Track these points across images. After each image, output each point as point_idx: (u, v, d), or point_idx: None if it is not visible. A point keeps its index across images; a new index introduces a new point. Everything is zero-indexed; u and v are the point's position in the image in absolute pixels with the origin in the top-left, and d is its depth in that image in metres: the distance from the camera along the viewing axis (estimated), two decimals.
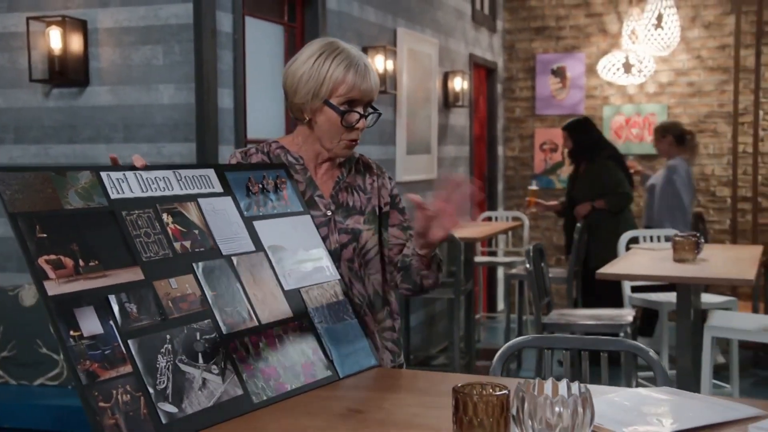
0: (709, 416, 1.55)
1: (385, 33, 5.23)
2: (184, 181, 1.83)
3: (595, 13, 7.62)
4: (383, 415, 1.62)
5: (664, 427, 1.49)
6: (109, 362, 1.45)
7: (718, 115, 7.33)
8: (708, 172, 7.37)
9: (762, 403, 1.67)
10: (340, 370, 1.83)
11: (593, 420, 1.38)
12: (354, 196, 2.15)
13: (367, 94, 2.04)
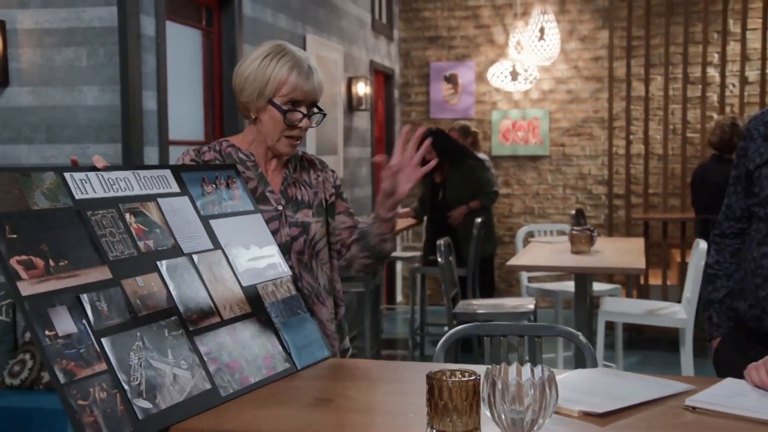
0: (649, 392, 1.61)
1: (295, 39, 5.18)
2: (143, 181, 1.77)
3: (484, 25, 7.77)
4: (350, 402, 1.61)
5: (613, 403, 1.52)
6: (85, 361, 1.40)
7: (593, 120, 7.60)
8: (585, 172, 7.64)
9: (688, 378, 1.74)
10: (298, 362, 1.80)
11: (558, 399, 1.40)
12: (302, 190, 2.13)
13: (309, 95, 2.02)
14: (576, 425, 1.45)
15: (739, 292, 2.12)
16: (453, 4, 7.83)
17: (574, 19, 7.57)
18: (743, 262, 2.10)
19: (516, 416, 1.38)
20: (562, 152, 7.67)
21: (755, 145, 2.09)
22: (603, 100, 7.46)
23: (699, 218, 5.65)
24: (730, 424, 1.45)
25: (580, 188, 7.64)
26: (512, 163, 7.78)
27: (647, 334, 5.98)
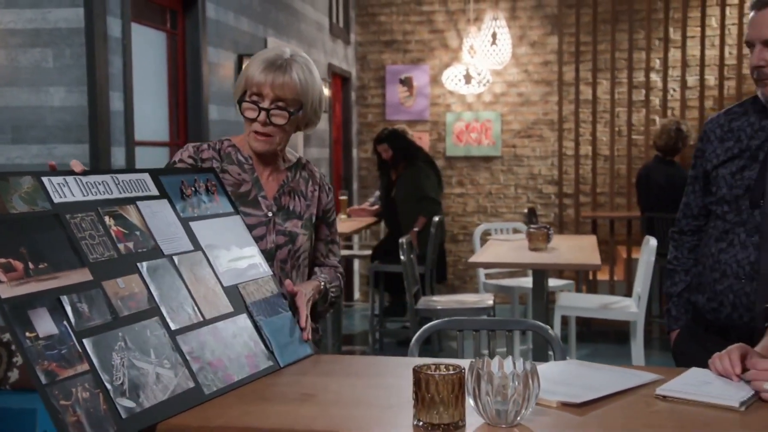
0: (622, 382, 1.64)
1: (257, 42, 5.14)
2: (122, 185, 1.75)
3: (438, 30, 7.81)
4: (335, 396, 1.61)
5: (589, 393, 1.55)
6: (67, 361, 1.38)
7: (543, 122, 7.69)
8: (536, 172, 7.73)
9: (656, 369, 1.78)
10: (280, 360, 1.80)
11: (539, 391, 1.42)
12: (295, 200, 2.11)
13: (272, 89, 1.95)
14: (556, 415, 1.47)
15: (697, 287, 2.17)
16: (408, 9, 7.85)
17: (524, 25, 7.65)
18: (701, 258, 2.15)
19: (500, 407, 1.40)
20: (514, 153, 7.75)
21: (712, 147, 2.14)
22: (552, 103, 7.55)
23: (644, 216, 5.76)
24: (699, 411, 1.49)
25: (531, 188, 7.73)
26: (466, 163, 7.83)
27: (596, 328, 6.08)
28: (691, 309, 2.22)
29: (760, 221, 1.99)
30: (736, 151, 2.07)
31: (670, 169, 5.53)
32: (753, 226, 2.00)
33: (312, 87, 2.03)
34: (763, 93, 1.99)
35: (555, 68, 7.47)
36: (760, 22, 1.95)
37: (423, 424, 1.40)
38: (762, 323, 1.90)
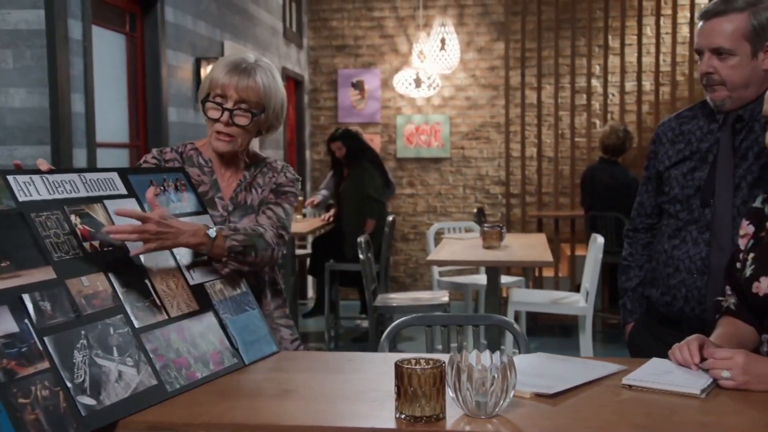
0: (589, 373, 1.67)
1: (214, 45, 5.09)
2: (89, 183, 1.72)
3: (388, 35, 7.83)
4: (314, 391, 1.60)
5: (561, 384, 1.58)
6: (27, 359, 1.35)
7: (490, 125, 7.78)
8: (483, 173, 7.81)
9: (620, 359, 1.82)
10: (246, 358, 1.79)
11: (516, 382, 1.44)
12: (252, 194, 2.09)
13: (236, 90, 1.94)
14: (531, 406, 1.49)
15: (651, 281, 2.22)
16: (359, 15, 7.86)
17: (471, 32, 7.73)
18: (655, 254, 2.21)
19: (480, 399, 1.41)
20: (462, 155, 7.82)
21: (664, 149, 2.20)
22: (499, 107, 7.65)
23: (588, 215, 5.87)
24: (663, 399, 1.53)
25: (479, 188, 7.81)
26: (416, 164, 7.87)
27: (542, 323, 6.18)
28: (645, 303, 2.28)
29: (710, 219, 2.05)
30: (687, 153, 2.13)
31: (615, 169, 5.66)
32: (704, 224, 2.06)
33: (275, 92, 2.04)
34: (712, 98, 2.05)
35: (501, 73, 7.57)
36: (708, 32, 2.01)
37: (405, 417, 1.41)
38: (712, 315, 1.95)
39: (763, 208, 1.83)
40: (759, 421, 1.42)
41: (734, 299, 1.85)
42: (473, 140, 7.81)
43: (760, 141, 2.01)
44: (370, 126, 7.84)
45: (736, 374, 1.57)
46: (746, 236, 1.84)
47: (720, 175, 2.04)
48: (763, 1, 1.98)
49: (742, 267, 1.82)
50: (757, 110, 2.02)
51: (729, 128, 2.05)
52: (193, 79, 4.73)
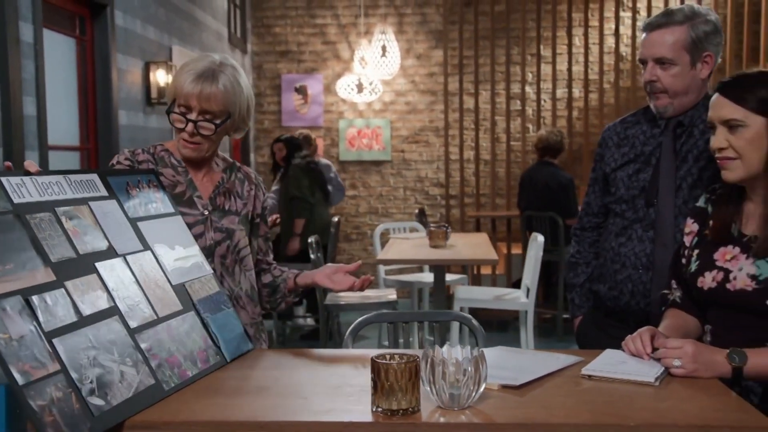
0: (550, 365, 1.71)
1: (162, 50, 5.00)
2: (75, 185, 1.68)
3: (330, 42, 7.82)
4: (289, 388, 1.59)
5: (525, 376, 1.61)
6: (39, 362, 1.32)
7: (429, 129, 7.84)
8: (423, 175, 7.87)
9: (576, 351, 1.86)
10: (227, 355, 1.78)
11: (487, 375, 1.47)
12: (231, 200, 2.08)
13: (198, 101, 1.92)
14: (499, 397, 1.51)
15: (598, 277, 2.28)
16: (302, 22, 7.82)
17: (410, 39, 7.78)
18: (602, 251, 2.27)
19: (454, 392, 1.43)
20: (402, 158, 7.86)
21: (610, 152, 2.26)
22: (437, 112, 7.72)
23: (524, 215, 5.97)
24: (621, 387, 1.57)
25: (419, 190, 7.87)
26: (358, 167, 7.88)
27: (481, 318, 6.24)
28: (593, 297, 2.34)
29: (654, 218, 2.12)
30: (631, 156, 2.19)
31: (552, 170, 5.77)
32: (648, 223, 2.13)
33: (239, 96, 2.00)
34: (655, 105, 2.12)
35: (439, 79, 7.64)
36: (651, 43, 2.08)
37: (382, 410, 1.42)
38: (658, 308, 2.02)
39: (706, 207, 1.90)
40: (709, 405, 1.48)
41: (679, 293, 1.92)
42: (413, 143, 7.86)
43: (699, 145, 2.09)
44: (314, 130, 7.79)
45: (686, 362, 1.63)
46: (691, 234, 1.90)
47: (663, 176, 2.11)
48: (699, 16, 2.06)
49: (687, 263, 1.88)
50: (696, 116, 2.10)
51: (670, 133, 2.12)
52: (142, 83, 4.63)
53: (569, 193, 5.64)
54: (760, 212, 1.76)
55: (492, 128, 7.14)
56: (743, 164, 1.72)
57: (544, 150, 5.74)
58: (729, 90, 1.73)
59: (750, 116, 1.70)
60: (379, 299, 4.27)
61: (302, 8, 7.83)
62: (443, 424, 1.39)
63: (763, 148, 1.70)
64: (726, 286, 1.74)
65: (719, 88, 1.76)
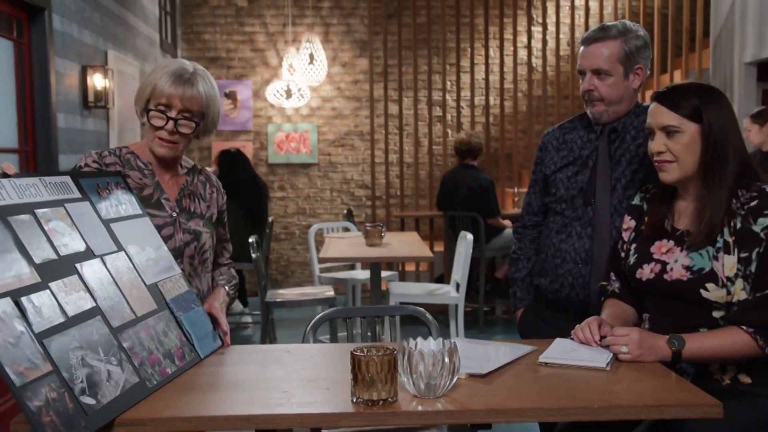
0: (510, 354, 1.74)
1: (99, 54, 4.81)
2: (50, 187, 1.61)
3: (259, 49, 7.71)
4: (266, 382, 1.57)
5: (489, 365, 1.64)
6: (33, 363, 1.27)
7: (354, 133, 7.84)
8: (348, 178, 7.86)
9: (526, 341, 1.91)
10: (201, 352, 1.74)
11: (460, 365, 1.48)
12: (195, 202, 2.04)
13: (181, 101, 1.89)
14: (468, 385, 1.53)
15: (540, 272, 2.34)
16: (231, 30, 7.69)
17: (336, 48, 7.76)
18: (543, 247, 2.33)
19: (431, 382, 1.44)
20: (329, 161, 7.84)
21: (550, 156, 2.32)
22: (362, 117, 7.73)
23: (447, 215, 6.04)
24: (577, 373, 1.62)
25: (345, 191, 7.86)
26: (286, 170, 7.81)
27: None
28: (533, 290, 2.40)
29: (592, 216, 2.19)
30: (570, 159, 2.26)
31: (472, 172, 5.87)
32: (587, 221, 2.20)
33: (215, 99, 1.99)
34: (592, 112, 2.19)
35: (363, 86, 7.66)
36: (589, 55, 2.15)
37: (363, 401, 1.41)
38: (598, 299, 2.09)
39: (641, 205, 1.98)
40: (658, 386, 1.54)
41: (618, 284, 1.99)
42: (339, 147, 7.84)
43: (631, 149, 2.17)
44: (243, 134, 7.69)
45: (632, 348, 1.69)
46: (629, 230, 1.98)
47: (599, 178, 2.18)
48: (632, 32, 2.14)
49: (626, 256, 1.95)
50: (628, 123, 2.19)
51: (605, 138, 2.20)
52: (79, 87, 4.45)
53: (490, 194, 5.75)
54: (692, 209, 1.84)
55: (415, 133, 7.21)
56: (679, 167, 1.80)
57: (466, 153, 5.82)
58: (665, 98, 1.81)
59: (685, 123, 1.78)
60: (318, 296, 4.24)
61: (231, 16, 7.69)
62: (422, 412, 1.41)
63: (697, 152, 1.78)
64: (663, 277, 1.82)
65: (656, 98, 1.83)
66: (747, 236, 1.72)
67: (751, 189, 1.76)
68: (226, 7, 7.69)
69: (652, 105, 1.84)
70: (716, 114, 1.76)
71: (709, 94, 1.79)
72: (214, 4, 7.67)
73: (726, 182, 1.76)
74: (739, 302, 1.72)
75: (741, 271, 1.72)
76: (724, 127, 1.77)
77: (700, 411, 1.42)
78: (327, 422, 1.37)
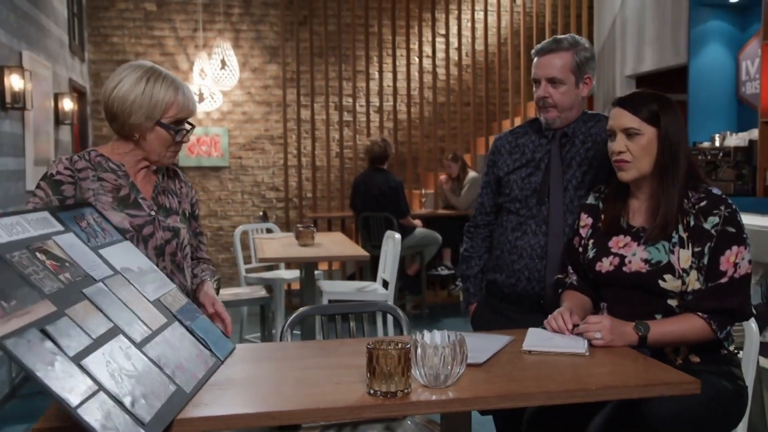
0: (495, 344, 1.77)
1: (13, 54, 4.49)
2: (33, 223, 1.53)
3: (169, 53, 7.45)
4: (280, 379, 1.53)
5: (483, 355, 1.66)
6: (78, 383, 1.19)
7: (265, 137, 7.72)
8: (259, 180, 7.73)
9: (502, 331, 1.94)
10: (220, 356, 1.68)
11: (467, 356, 1.50)
12: (169, 198, 1.96)
13: (192, 113, 1.90)
14: (470, 374, 1.55)
15: (494, 268, 2.39)
16: (139, 33, 7.37)
17: (246, 53, 7.61)
18: (498, 245, 2.38)
19: (441, 373, 1.45)
20: (240, 164, 7.68)
21: (503, 158, 2.38)
22: (272, 121, 7.62)
23: (360, 216, 6.05)
24: (560, 359, 1.68)
25: (256, 194, 7.72)
26: (198, 173, 7.58)
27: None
28: (486, 286, 2.45)
29: (546, 215, 2.27)
30: (523, 161, 2.33)
31: (384, 175, 5.92)
32: (541, 219, 2.27)
33: None
34: (545, 117, 2.27)
35: (274, 91, 7.56)
36: (543, 65, 2.23)
37: (380, 393, 1.41)
38: (551, 291, 2.17)
39: (597, 204, 2.07)
40: (636, 368, 1.62)
41: (575, 277, 2.07)
42: (249, 151, 7.70)
43: (581, 152, 2.27)
44: None
45: (605, 334, 1.77)
46: (586, 226, 2.07)
47: (553, 179, 2.26)
48: (580, 44, 2.24)
49: (584, 251, 2.04)
50: (577, 128, 2.28)
51: (557, 142, 2.28)
52: None
53: (400, 195, 5.82)
54: (645, 207, 1.95)
55: (327, 137, 7.19)
56: (636, 166, 1.90)
57: (373, 159, 5.88)
58: (627, 103, 1.91)
59: (644, 126, 1.88)
60: (251, 295, 4.15)
61: (140, 20, 7.38)
62: (437, 401, 1.41)
63: (653, 153, 1.89)
64: (623, 269, 1.91)
65: (618, 102, 1.93)
66: (699, 233, 1.84)
67: (698, 191, 1.89)
68: (135, 11, 7.37)
69: (614, 109, 1.94)
70: (672, 120, 1.88)
71: (666, 102, 1.90)
72: (122, 7, 7.33)
73: (678, 182, 1.88)
74: (694, 291, 1.83)
75: (695, 263, 1.83)
76: (677, 132, 1.88)
77: (681, 388, 1.51)
78: (351, 414, 1.36)
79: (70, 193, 1.82)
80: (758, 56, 5.26)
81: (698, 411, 1.79)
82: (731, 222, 1.83)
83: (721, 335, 1.83)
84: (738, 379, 1.89)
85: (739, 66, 5.74)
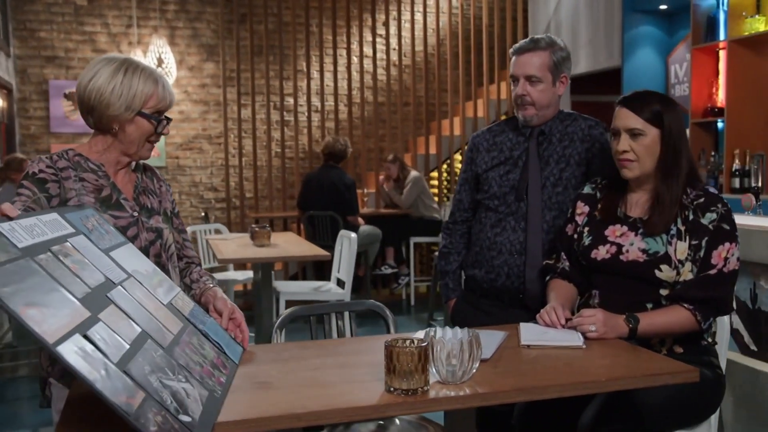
0: (496, 340, 1.77)
1: None
2: (48, 225, 1.44)
3: (101, 50, 7.15)
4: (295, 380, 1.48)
5: (487, 351, 1.66)
6: (129, 391, 1.14)
7: (202, 137, 7.53)
8: (197, 180, 7.54)
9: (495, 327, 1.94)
10: (234, 359, 1.62)
11: (481, 352, 1.50)
12: (150, 198, 1.88)
13: (171, 105, 1.84)
14: (480, 370, 1.54)
15: (474, 264, 2.40)
16: (69, 28, 7.05)
17: (183, 51, 7.41)
18: (478, 241, 2.39)
19: (457, 369, 1.44)
20: (177, 164, 7.46)
21: (481, 156, 2.39)
22: (210, 120, 7.45)
23: (306, 214, 5.99)
24: (560, 352, 1.71)
25: (194, 194, 7.52)
26: None
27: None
28: (465, 281, 2.46)
29: (525, 211, 2.29)
30: (501, 159, 2.35)
31: (338, 172, 5.88)
32: (520, 215, 2.30)
33: None
34: (523, 115, 2.29)
35: (211, 90, 7.39)
36: (522, 64, 2.26)
37: (401, 390, 1.38)
38: (531, 286, 2.20)
39: (594, 193, 2.10)
40: (637, 359, 1.66)
41: (567, 263, 2.10)
42: (187, 150, 7.50)
43: (558, 150, 2.31)
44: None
45: (599, 327, 1.81)
46: (582, 214, 2.10)
47: (531, 176, 2.29)
48: (557, 44, 2.28)
49: (579, 238, 2.07)
50: (553, 126, 2.32)
51: (535, 140, 2.31)
52: None
53: (353, 193, 5.80)
54: (644, 200, 2.00)
55: (268, 136, 7.08)
56: (640, 166, 1.95)
57: (330, 156, 5.83)
58: (631, 103, 1.95)
59: (647, 126, 1.93)
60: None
61: (69, 14, 7.07)
62: (456, 397, 1.41)
63: (656, 153, 1.94)
64: (619, 258, 1.95)
65: (623, 102, 1.96)
66: (697, 227, 1.90)
67: (696, 188, 1.95)
68: (64, 5, 7.05)
69: (619, 109, 1.97)
70: (674, 121, 1.93)
71: (669, 103, 1.95)
72: (49, 0, 7.00)
73: (680, 181, 1.93)
74: (684, 281, 1.89)
75: (691, 255, 1.90)
76: (680, 132, 1.94)
77: (682, 377, 1.55)
78: (375, 413, 1.33)
79: (55, 191, 1.72)
80: (686, 60, 5.50)
81: (684, 398, 1.85)
82: (726, 220, 1.90)
83: (705, 326, 1.89)
84: (717, 367, 1.96)
85: (668, 69, 5.99)
